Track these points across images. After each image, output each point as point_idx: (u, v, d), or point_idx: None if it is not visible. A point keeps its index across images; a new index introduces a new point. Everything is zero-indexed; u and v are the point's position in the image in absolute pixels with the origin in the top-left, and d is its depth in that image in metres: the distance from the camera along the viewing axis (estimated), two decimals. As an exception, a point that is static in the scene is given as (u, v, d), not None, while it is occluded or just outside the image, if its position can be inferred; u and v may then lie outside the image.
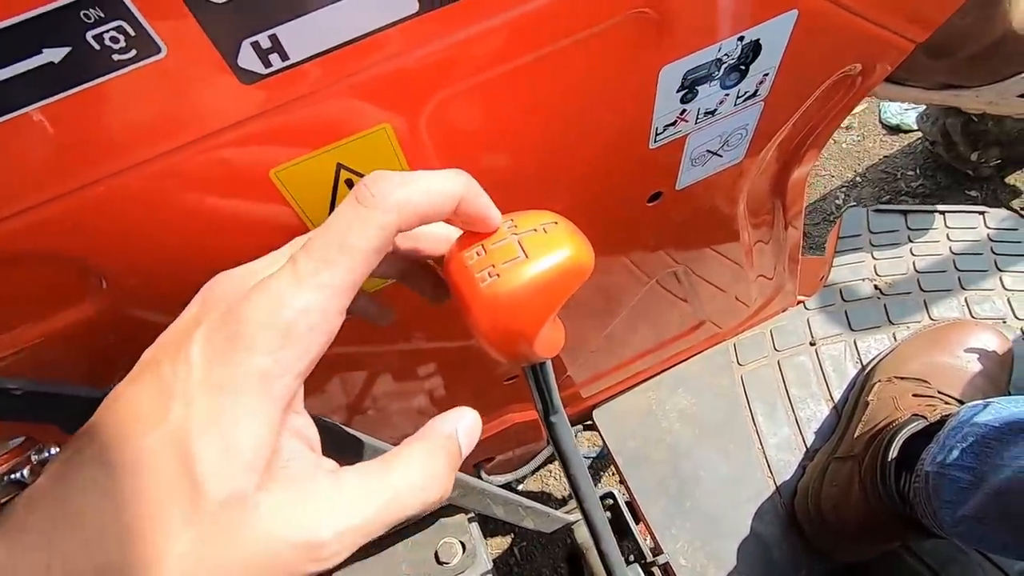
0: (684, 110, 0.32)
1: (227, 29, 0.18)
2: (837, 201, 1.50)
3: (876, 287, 0.76)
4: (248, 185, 0.23)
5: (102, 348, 0.26)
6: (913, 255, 0.77)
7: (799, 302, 0.76)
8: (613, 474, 1.17)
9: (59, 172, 0.19)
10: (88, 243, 0.22)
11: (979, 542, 0.47)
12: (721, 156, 0.37)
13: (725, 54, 0.29)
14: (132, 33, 0.17)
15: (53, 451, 0.23)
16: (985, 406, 0.49)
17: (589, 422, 0.76)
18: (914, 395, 0.60)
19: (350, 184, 0.25)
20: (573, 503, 0.82)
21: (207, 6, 0.17)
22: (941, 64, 0.61)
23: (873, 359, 0.70)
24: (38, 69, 0.17)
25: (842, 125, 1.66)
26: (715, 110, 0.33)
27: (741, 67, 0.31)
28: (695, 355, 0.74)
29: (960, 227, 0.78)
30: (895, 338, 0.71)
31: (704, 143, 0.35)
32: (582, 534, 0.70)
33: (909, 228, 0.79)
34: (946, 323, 0.68)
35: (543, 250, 0.21)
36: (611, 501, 0.74)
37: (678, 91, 0.30)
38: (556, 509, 0.67)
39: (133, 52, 0.17)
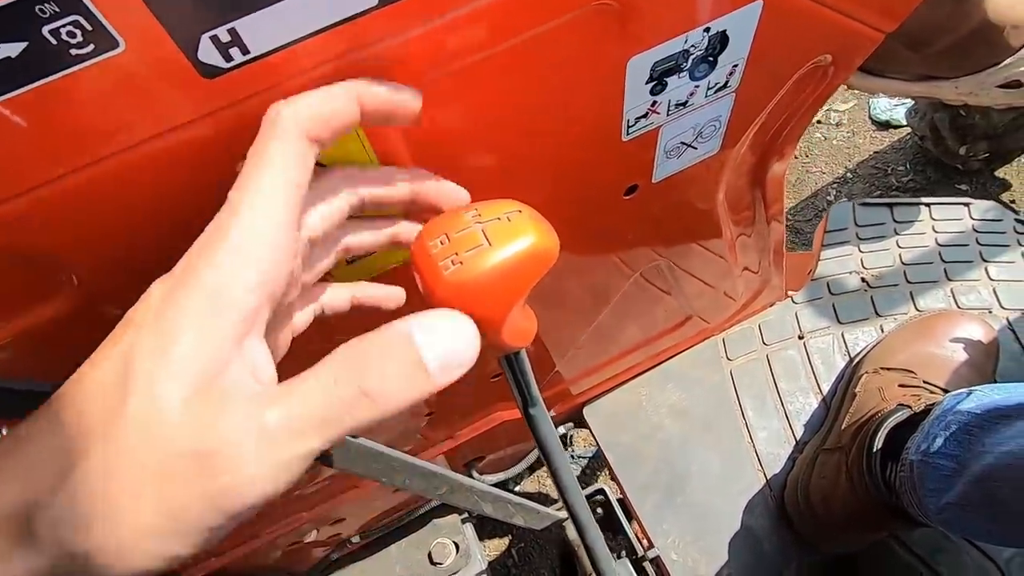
0: (655, 102, 0.32)
1: (184, 23, 0.18)
2: (828, 197, 1.50)
3: (863, 280, 0.76)
4: (214, 179, 0.23)
5: (74, 347, 0.26)
6: (899, 247, 0.77)
7: (787, 296, 0.76)
8: (608, 474, 1.17)
9: (22, 168, 0.20)
10: (55, 239, 0.22)
11: (964, 529, 0.47)
12: (696, 148, 0.38)
13: (692, 45, 0.30)
14: (89, 27, 0.17)
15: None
16: (968, 394, 0.50)
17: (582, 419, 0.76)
18: (900, 385, 0.60)
19: (319, 178, 0.25)
20: (566, 501, 0.82)
21: (162, 0, 0.18)
22: (919, 56, 0.62)
23: (861, 351, 0.70)
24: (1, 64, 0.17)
25: (832, 122, 1.67)
26: (686, 102, 0.33)
27: (710, 59, 0.31)
28: (684, 351, 0.74)
29: (945, 219, 0.78)
30: (882, 330, 0.72)
31: (678, 135, 0.36)
32: (574, 531, 0.70)
33: (895, 221, 0.79)
34: (932, 314, 0.69)
35: (506, 238, 0.21)
36: (602, 498, 0.74)
37: (647, 83, 0.30)
38: (551, 508, 0.67)
39: (91, 47, 0.18)
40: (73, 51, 0.18)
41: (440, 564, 0.78)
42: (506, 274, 0.21)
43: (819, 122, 1.61)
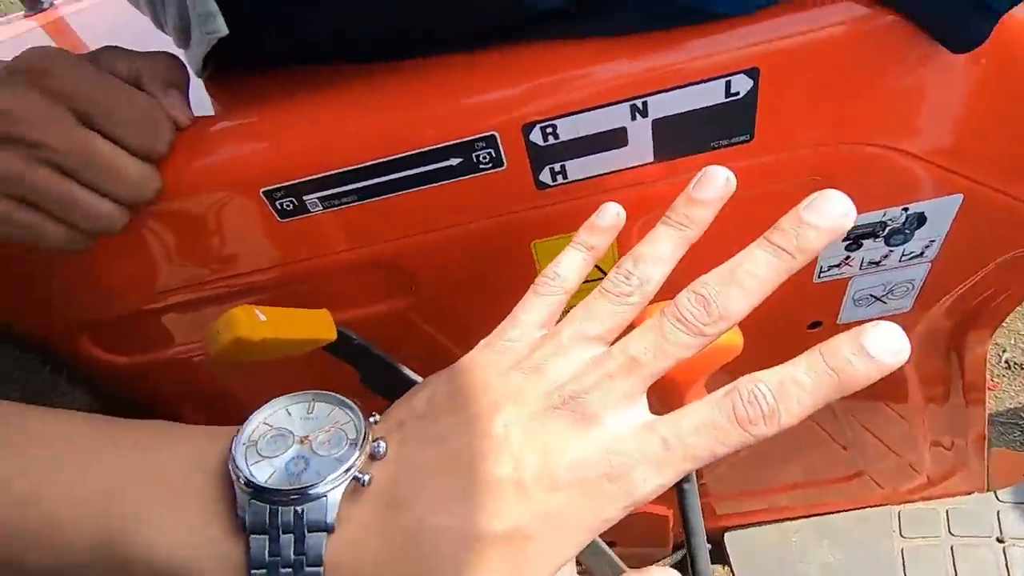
0: (848, 256, 0.38)
1: (539, 160, 0.32)
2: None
3: (1097, 499, 0.65)
4: (516, 249, 0.36)
5: (395, 337, 0.40)
6: None
7: (989, 490, 0.68)
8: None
9: (431, 221, 0.34)
10: (414, 263, 0.37)
11: None
12: (885, 303, 0.42)
13: (889, 219, 0.36)
14: (494, 155, 0.31)
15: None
16: None
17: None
18: None
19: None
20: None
21: (536, 147, 0.31)
22: None
23: (1081, 580, 0.60)
24: (446, 167, 0.31)
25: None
26: (879, 262, 0.39)
27: (906, 231, 0.37)
28: (850, 510, 0.70)
29: None
30: (1117, 565, 0.60)
31: (867, 288, 0.41)
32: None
33: None
34: None
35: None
36: (727, 637, 0.71)
37: (843, 240, 0.37)
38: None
39: (491, 164, 0.32)
40: (481, 165, 0.32)
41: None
42: (704, 353, 0.29)
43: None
